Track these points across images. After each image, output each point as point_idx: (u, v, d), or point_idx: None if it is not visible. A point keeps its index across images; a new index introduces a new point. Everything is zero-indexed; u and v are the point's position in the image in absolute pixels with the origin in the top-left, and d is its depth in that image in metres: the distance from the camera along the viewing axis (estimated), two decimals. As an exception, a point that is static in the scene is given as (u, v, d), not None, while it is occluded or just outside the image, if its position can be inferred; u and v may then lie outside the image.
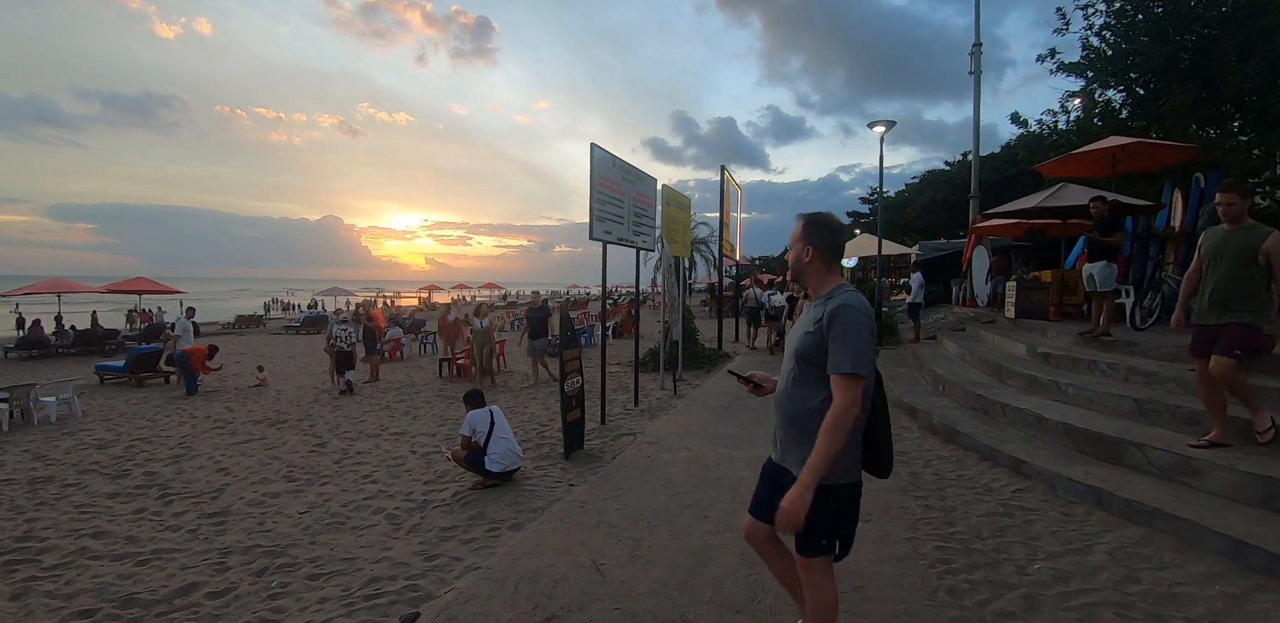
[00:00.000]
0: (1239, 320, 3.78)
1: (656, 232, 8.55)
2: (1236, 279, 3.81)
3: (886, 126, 12.52)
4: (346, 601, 3.34)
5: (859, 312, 1.96)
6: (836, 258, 2.15)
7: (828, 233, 2.12)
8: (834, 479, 2.01)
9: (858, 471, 2.10)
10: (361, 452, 6.66)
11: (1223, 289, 3.87)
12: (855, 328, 1.94)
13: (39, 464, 6.58)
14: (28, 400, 8.82)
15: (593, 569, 3.26)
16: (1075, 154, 9.81)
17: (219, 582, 3.74)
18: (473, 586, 3.13)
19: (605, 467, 5.16)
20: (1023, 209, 9.85)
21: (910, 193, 35.44)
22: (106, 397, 10.99)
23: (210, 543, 4.36)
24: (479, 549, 3.85)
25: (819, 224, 2.14)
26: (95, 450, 7.09)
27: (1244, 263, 3.76)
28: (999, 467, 4.93)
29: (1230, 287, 3.83)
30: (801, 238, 2.15)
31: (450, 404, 9.22)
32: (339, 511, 4.87)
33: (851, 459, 2.06)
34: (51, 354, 17.91)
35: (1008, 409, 5.70)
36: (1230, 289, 3.83)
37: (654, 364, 10.39)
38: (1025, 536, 3.69)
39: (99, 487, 5.75)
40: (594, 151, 6.29)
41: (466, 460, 5.14)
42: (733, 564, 3.28)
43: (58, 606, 3.54)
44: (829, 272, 2.14)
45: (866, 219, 40.91)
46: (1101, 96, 12.53)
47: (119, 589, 3.70)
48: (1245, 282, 3.78)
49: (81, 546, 4.39)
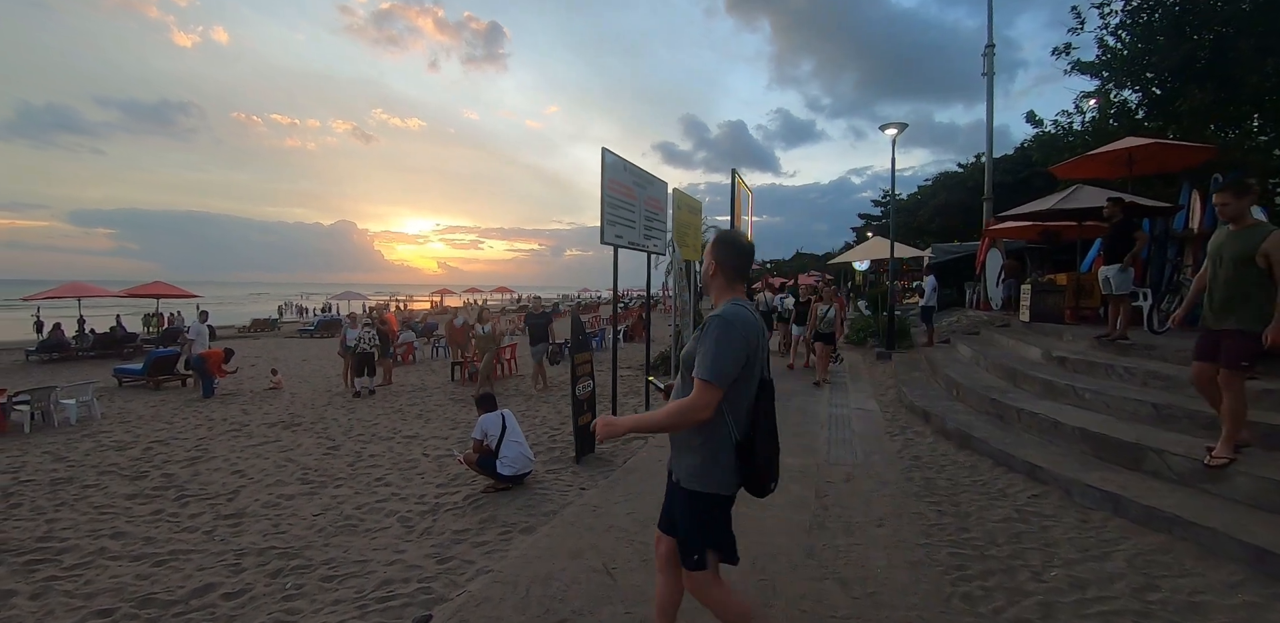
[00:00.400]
0: (1239, 328, 3.64)
1: (668, 235, 8.56)
2: (1235, 281, 3.67)
3: (899, 129, 12.45)
4: (360, 602, 3.36)
5: (728, 323, 2.00)
6: (739, 275, 2.23)
7: (731, 252, 2.21)
8: (701, 486, 2.10)
9: (729, 484, 2.11)
10: (375, 455, 6.71)
11: (1223, 291, 3.73)
12: (718, 337, 1.98)
13: (59, 466, 6.68)
14: (49, 403, 8.97)
15: (604, 573, 3.26)
16: (1091, 155, 9.71)
17: (235, 583, 3.78)
18: (485, 589, 3.14)
19: (616, 471, 5.16)
20: (1037, 211, 9.76)
21: (923, 195, 35.21)
22: (125, 399, 11.15)
23: (226, 544, 4.41)
24: (491, 552, 3.86)
25: (725, 242, 2.24)
26: (114, 452, 7.19)
27: (1242, 264, 3.62)
28: (1014, 472, 4.88)
29: (1230, 288, 3.70)
30: (710, 253, 2.24)
31: (462, 407, 9.26)
32: (352, 513, 4.90)
33: (719, 471, 2.09)
34: (71, 357, 18.21)
35: (1023, 414, 5.64)
36: (1230, 291, 3.69)
37: (665, 368, 10.38)
38: (1041, 542, 3.64)
39: (118, 488, 5.84)
40: (605, 156, 6.32)
41: (478, 464, 5.16)
42: (745, 569, 3.26)
43: (77, 605, 3.60)
44: (729, 287, 2.22)
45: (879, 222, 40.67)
46: (1117, 97, 12.40)
47: (137, 589, 3.75)
48: (1243, 283, 3.63)
49: (101, 546, 4.45)
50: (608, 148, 6.32)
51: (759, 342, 2.07)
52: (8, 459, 7.02)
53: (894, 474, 4.95)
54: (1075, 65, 12.23)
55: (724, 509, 2.17)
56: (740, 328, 2.01)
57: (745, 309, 2.08)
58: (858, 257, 21.90)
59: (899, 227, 23.62)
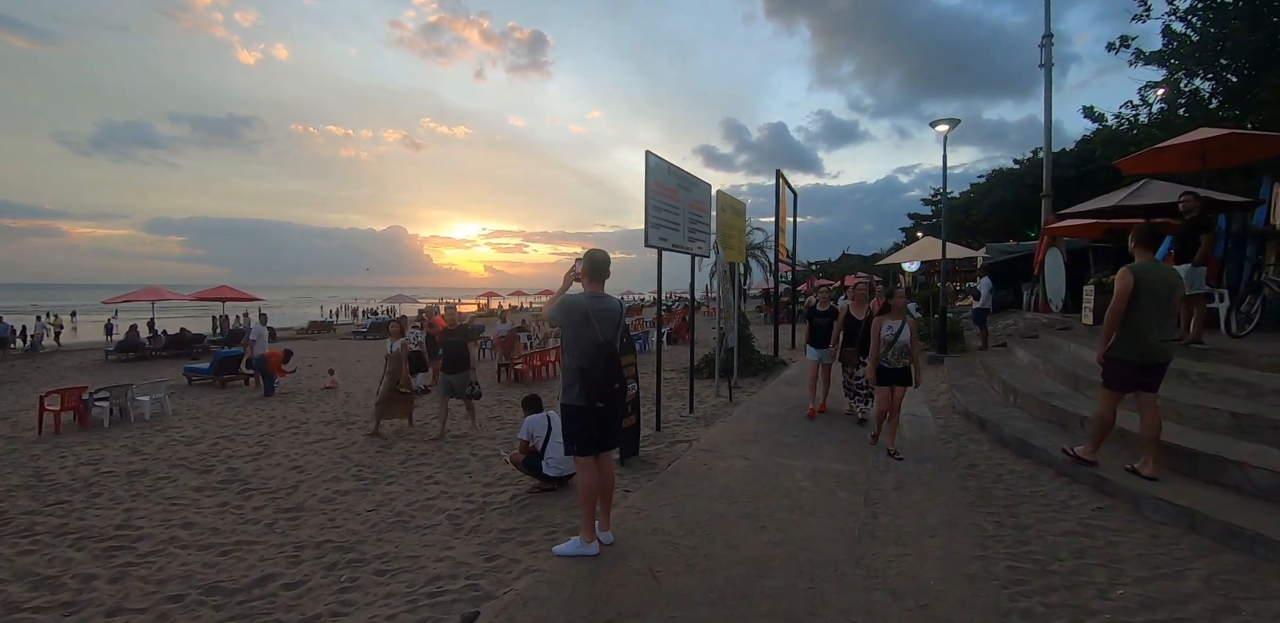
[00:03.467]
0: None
1: (712, 238, 8.50)
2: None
3: (950, 125, 12.06)
4: (410, 597, 3.45)
5: (567, 298, 3.54)
6: (594, 277, 3.61)
7: (590, 263, 3.63)
8: (565, 400, 3.53)
9: (576, 398, 3.45)
10: (424, 453, 6.89)
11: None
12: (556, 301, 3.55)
13: (135, 458, 7.10)
14: (126, 400, 9.56)
15: (649, 576, 3.25)
16: (1159, 148, 9.19)
17: (293, 574, 3.93)
18: (531, 588, 3.18)
19: (661, 474, 5.15)
20: (1101, 208, 9.29)
21: (976, 193, 34.02)
22: (193, 397, 11.77)
23: (286, 537, 4.59)
24: (536, 552, 3.90)
25: (585, 258, 3.67)
26: (184, 447, 7.60)
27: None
28: (1078, 483, 4.65)
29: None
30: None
31: (508, 408, 9.42)
32: (404, 510, 5.04)
33: (571, 390, 3.48)
34: (145, 357, 19.33)
35: (1086, 422, 5.37)
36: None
37: (709, 371, 10.32)
38: (1108, 558, 3.46)
39: (187, 481, 6.16)
40: (649, 159, 6.32)
41: (524, 464, 5.24)
42: (792, 576, 3.21)
43: (150, 590, 3.81)
44: (591, 284, 3.63)
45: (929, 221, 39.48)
46: (1187, 86, 11.70)
47: (204, 577, 3.95)
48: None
49: (172, 535, 4.71)
50: (651, 151, 6.32)
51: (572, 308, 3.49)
52: (89, 452, 7.50)
53: (947, 483, 4.78)
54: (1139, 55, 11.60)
55: (576, 417, 3.49)
56: (569, 302, 3.50)
57: (576, 296, 3.55)
58: (908, 257, 21.31)
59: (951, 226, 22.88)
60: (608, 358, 3.44)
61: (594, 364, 3.39)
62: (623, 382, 3.55)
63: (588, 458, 3.51)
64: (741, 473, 5.06)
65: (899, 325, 5.28)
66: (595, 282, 3.62)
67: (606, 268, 3.66)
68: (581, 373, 3.40)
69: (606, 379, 3.41)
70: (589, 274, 3.61)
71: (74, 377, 15.34)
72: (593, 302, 3.51)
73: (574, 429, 3.52)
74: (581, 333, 3.44)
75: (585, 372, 3.39)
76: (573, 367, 3.46)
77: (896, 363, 5.31)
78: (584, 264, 3.63)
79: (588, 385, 3.39)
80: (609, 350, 3.46)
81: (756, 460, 5.37)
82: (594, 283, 3.61)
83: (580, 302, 3.49)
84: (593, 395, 3.41)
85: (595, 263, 3.61)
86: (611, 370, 3.44)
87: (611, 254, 3.74)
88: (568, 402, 3.50)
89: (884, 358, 5.31)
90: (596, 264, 3.61)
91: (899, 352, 5.29)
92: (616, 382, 3.47)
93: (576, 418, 3.49)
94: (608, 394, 3.44)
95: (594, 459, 3.52)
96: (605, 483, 3.64)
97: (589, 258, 3.64)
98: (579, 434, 3.50)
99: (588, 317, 3.43)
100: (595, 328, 3.44)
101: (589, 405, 3.43)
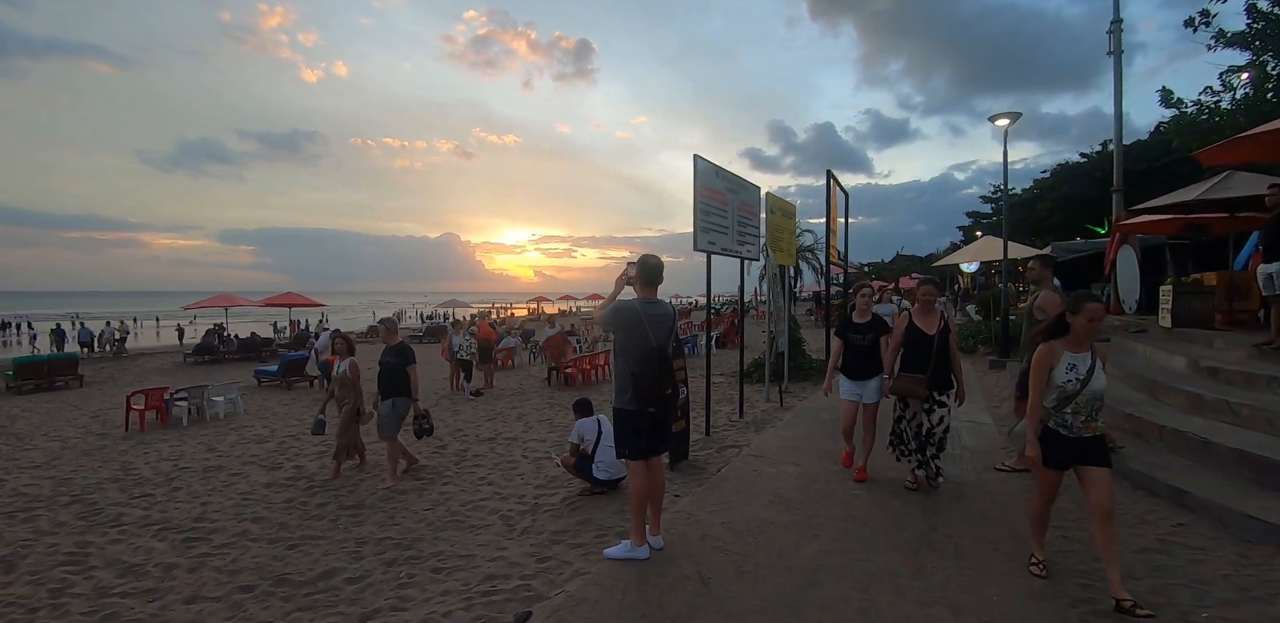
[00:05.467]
0: None
1: (761, 240, 8.40)
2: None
3: (1011, 119, 11.57)
4: (465, 595, 3.54)
5: (621, 303, 3.62)
6: (646, 283, 3.68)
7: (643, 268, 3.67)
8: (617, 404, 3.58)
9: (628, 403, 3.49)
10: (478, 455, 7.05)
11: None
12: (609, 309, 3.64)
13: (211, 455, 7.54)
14: (202, 400, 10.16)
15: (699, 582, 3.24)
16: (1245, 136, 8.54)
17: (355, 569, 4.09)
18: (582, 590, 3.21)
19: (710, 479, 5.12)
20: (1180, 202, 8.73)
21: (1040, 189, 32.50)
22: (263, 398, 12.39)
23: (348, 533, 4.78)
24: (587, 554, 3.94)
25: (638, 263, 3.72)
26: (254, 445, 8.02)
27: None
28: (1156, 497, 4.37)
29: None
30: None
31: (559, 411, 9.54)
32: (458, 509, 5.18)
33: (623, 394, 3.52)
34: (219, 360, 20.50)
35: (1165, 431, 5.05)
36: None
37: (759, 375, 10.20)
38: (1190, 578, 3.23)
39: (257, 477, 6.49)
40: (697, 163, 6.31)
41: (575, 467, 5.29)
42: (844, 587, 3.13)
43: (224, 580, 4.04)
44: (644, 289, 3.69)
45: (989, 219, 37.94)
46: (1275, 68, 10.87)
47: (273, 569, 4.15)
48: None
49: (243, 528, 4.97)
50: (699, 155, 6.31)
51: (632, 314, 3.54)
52: (170, 448, 8.00)
53: (1011, 494, 4.57)
54: (1219, 37, 10.82)
55: (628, 421, 3.52)
56: (624, 307, 3.58)
57: (629, 301, 3.62)
58: (967, 258, 20.50)
59: (1013, 223, 21.90)
60: (660, 363, 3.48)
61: (646, 369, 3.44)
62: (675, 387, 3.60)
63: (638, 462, 3.54)
64: (793, 480, 4.98)
65: (1088, 362, 3.06)
66: (648, 287, 3.67)
67: (659, 273, 3.70)
68: (634, 377, 3.45)
69: (658, 384, 3.46)
70: (642, 280, 3.66)
71: (156, 378, 16.39)
72: (646, 307, 3.58)
73: (625, 433, 3.57)
74: (634, 338, 3.50)
75: (637, 376, 3.44)
76: (625, 371, 3.52)
77: (1084, 428, 3.05)
78: (637, 269, 3.67)
79: (640, 390, 3.44)
80: (661, 355, 3.50)
81: (808, 467, 5.27)
82: (647, 288, 3.67)
83: (634, 307, 3.56)
84: (644, 400, 3.45)
85: (648, 268, 3.66)
86: (664, 375, 3.48)
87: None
88: (620, 406, 3.55)
89: (1058, 417, 3.10)
90: (649, 270, 3.66)
91: (1088, 406, 3.04)
92: (669, 387, 3.51)
93: (628, 422, 3.53)
94: (659, 399, 3.48)
95: (644, 463, 3.56)
96: (655, 487, 3.66)
97: (642, 263, 3.67)
98: (630, 438, 3.54)
99: (641, 322, 3.50)
100: (648, 333, 3.50)
101: (641, 410, 3.47)
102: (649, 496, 3.60)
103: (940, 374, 4.44)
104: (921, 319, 4.57)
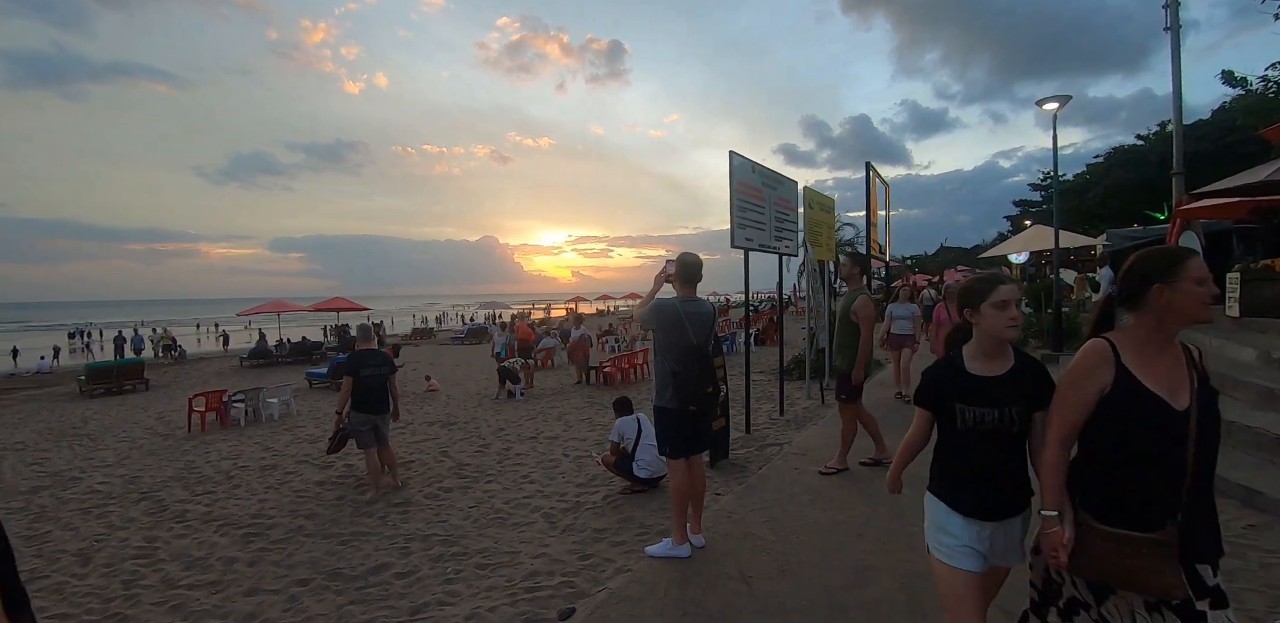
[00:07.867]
0: None
1: (799, 235, 8.27)
2: None
3: (1060, 103, 11.09)
4: (510, 591, 3.59)
5: (660, 302, 3.60)
6: (685, 281, 3.66)
7: (682, 267, 3.65)
8: (658, 402, 3.57)
9: (669, 401, 3.50)
10: (520, 453, 7.15)
11: None
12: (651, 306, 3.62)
13: (267, 454, 7.84)
14: (258, 401, 10.59)
15: (740, 581, 3.21)
16: (1320, 115, 8.04)
17: (404, 564, 4.20)
18: (624, 587, 3.22)
19: (751, 477, 5.07)
20: (1247, 185, 8.23)
21: (1092, 175, 31.08)
22: (314, 399, 12.84)
23: (396, 530, 4.91)
24: (629, 552, 3.95)
25: (677, 262, 3.69)
26: (307, 444, 8.31)
27: None
28: (1223, 497, 4.12)
29: None
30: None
31: (599, 410, 9.60)
32: (502, 507, 5.26)
33: (664, 393, 3.52)
34: (273, 363, 21.31)
35: (1234, 427, 4.77)
36: None
37: (799, 372, 10.04)
38: (1263, 583, 3.04)
39: (310, 475, 6.73)
40: (732, 159, 6.24)
41: (616, 466, 5.32)
42: (890, 588, 3.06)
43: (281, 574, 4.20)
44: (683, 287, 3.68)
45: (1038, 208, 36.51)
46: (1356, 41, 10.13)
47: (327, 564, 4.30)
48: None
49: (298, 524, 5.16)
50: (735, 151, 6.24)
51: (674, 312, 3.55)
52: (229, 448, 8.37)
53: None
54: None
55: (668, 418, 3.55)
56: (664, 305, 3.57)
57: (669, 299, 3.62)
58: (1015, 248, 19.75)
59: (1064, 211, 21.01)
60: (700, 361, 3.49)
61: (686, 367, 3.45)
62: (715, 385, 3.59)
63: (679, 460, 3.54)
64: (835, 478, 4.89)
65: None
66: (687, 286, 3.67)
67: (698, 272, 3.68)
68: (674, 376, 3.46)
69: (699, 382, 3.46)
70: (681, 278, 3.65)
71: (215, 381, 17.15)
72: (685, 305, 3.57)
73: (666, 431, 3.58)
74: (674, 336, 3.50)
75: (678, 375, 3.45)
76: (665, 370, 3.52)
77: None
78: (676, 268, 3.66)
79: (680, 388, 3.45)
80: (701, 353, 3.51)
81: (852, 466, 5.17)
82: (686, 287, 3.66)
83: (673, 305, 3.56)
84: (685, 398, 3.46)
85: (687, 267, 3.64)
86: (704, 374, 3.49)
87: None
88: (660, 404, 3.56)
89: None
90: (689, 268, 3.64)
91: None
92: (709, 385, 3.51)
93: (669, 420, 3.55)
94: (700, 397, 3.48)
95: (685, 462, 3.55)
96: (696, 486, 3.64)
97: (681, 262, 3.66)
98: (671, 436, 3.55)
99: (680, 320, 3.49)
100: (688, 331, 3.50)
101: (681, 408, 3.48)
102: (690, 494, 3.58)
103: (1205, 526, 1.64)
104: (1146, 370, 1.70)
